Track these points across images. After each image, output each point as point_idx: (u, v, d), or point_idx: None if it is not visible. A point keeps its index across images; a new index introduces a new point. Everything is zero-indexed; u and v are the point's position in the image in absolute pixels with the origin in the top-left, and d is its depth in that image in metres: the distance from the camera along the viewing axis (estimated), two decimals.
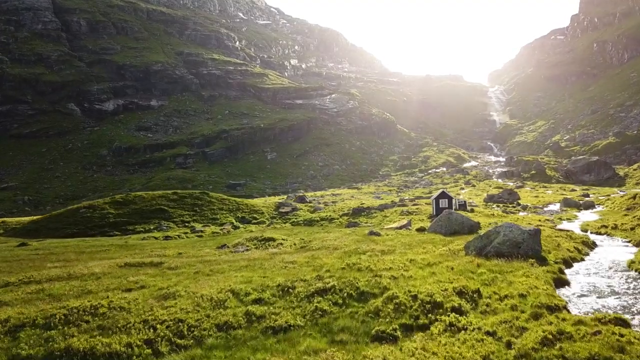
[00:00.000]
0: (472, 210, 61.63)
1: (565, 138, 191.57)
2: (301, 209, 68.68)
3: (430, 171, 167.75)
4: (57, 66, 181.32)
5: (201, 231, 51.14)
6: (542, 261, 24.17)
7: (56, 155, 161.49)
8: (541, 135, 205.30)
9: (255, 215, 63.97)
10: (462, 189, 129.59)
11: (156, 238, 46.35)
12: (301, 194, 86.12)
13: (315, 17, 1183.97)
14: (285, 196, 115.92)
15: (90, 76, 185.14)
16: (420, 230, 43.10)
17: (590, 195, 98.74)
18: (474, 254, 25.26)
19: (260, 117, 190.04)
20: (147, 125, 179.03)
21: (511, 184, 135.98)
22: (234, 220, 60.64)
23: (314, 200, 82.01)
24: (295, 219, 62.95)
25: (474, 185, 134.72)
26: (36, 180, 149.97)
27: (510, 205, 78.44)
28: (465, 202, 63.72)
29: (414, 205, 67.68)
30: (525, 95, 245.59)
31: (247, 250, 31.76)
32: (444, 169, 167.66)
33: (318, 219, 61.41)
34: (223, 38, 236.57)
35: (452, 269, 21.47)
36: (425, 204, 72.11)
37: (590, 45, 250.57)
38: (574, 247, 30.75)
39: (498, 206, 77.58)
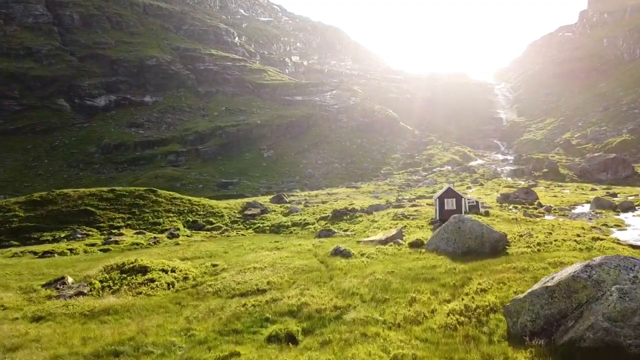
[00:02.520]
0: (486, 213, 45.65)
1: (576, 136, 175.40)
2: (274, 210, 53.29)
3: (434, 170, 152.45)
4: (47, 60, 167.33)
5: (115, 242, 35.96)
6: None
7: (41, 152, 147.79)
8: (550, 132, 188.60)
9: (211, 219, 48.73)
10: (469, 188, 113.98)
11: (35, 254, 31.38)
12: (278, 194, 70.66)
13: (318, 14, 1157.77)
14: (279, 194, 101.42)
15: (82, 71, 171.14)
16: (416, 245, 27.40)
17: (618, 195, 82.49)
18: (541, 344, 9.56)
19: (257, 114, 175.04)
20: (139, 122, 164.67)
21: (522, 182, 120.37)
22: (181, 226, 45.45)
23: (295, 201, 66.54)
24: (262, 224, 47.68)
25: (481, 184, 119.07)
26: (17, 178, 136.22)
27: (530, 207, 62.44)
28: (477, 202, 47.90)
29: (413, 206, 52.03)
30: (532, 93, 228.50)
31: (82, 294, 16.56)
32: (449, 167, 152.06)
33: (289, 224, 46.10)
34: (222, 34, 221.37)
35: None
36: (427, 204, 56.51)
37: (600, 41, 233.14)
38: None
39: (515, 207, 61.69)
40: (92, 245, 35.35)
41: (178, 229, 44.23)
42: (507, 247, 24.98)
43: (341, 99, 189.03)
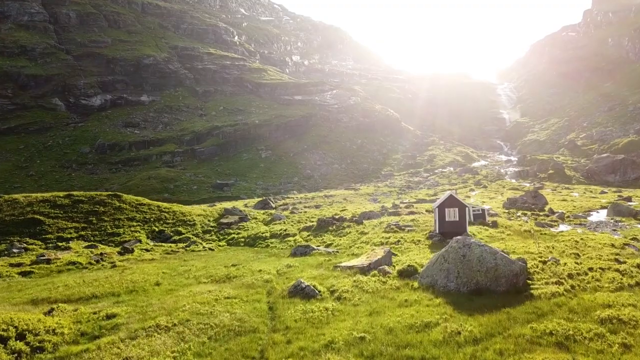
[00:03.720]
0: (494, 224, 38.71)
1: (581, 136, 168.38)
2: (255, 218, 46.65)
3: (436, 171, 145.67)
4: (42, 59, 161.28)
5: (47, 262, 29.33)
6: None
7: (33, 153, 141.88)
8: (554, 133, 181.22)
9: (180, 229, 42.12)
10: (472, 190, 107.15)
11: None
12: (264, 198, 63.83)
13: (320, 14, 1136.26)
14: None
15: (78, 70, 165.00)
16: (407, 274, 20.62)
17: (633, 199, 75.45)
18: None
19: (256, 114, 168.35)
20: (135, 122, 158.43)
21: (527, 184, 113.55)
22: (144, 237, 38.90)
23: (287, 204, 59.86)
24: (237, 234, 41.14)
25: (485, 187, 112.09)
26: (7, 179, 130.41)
27: (540, 214, 55.43)
28: (484, 210, 41.00)
29: (410, 213, 45.20)
30: (536, 93, 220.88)
31: None
32: (452, 168, 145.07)
33: (267, 235, 39.49)
34: (221, 33, 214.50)
35: None
36: (426, 211, 49.61)
37: (604, 40, 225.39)
38: None
39: (525, 214, 54.76)
40: (18, 265, 28.48)
41: (139, 241, 37.71)
42: (529, 281, 18.15)
43: (341, 98, 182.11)
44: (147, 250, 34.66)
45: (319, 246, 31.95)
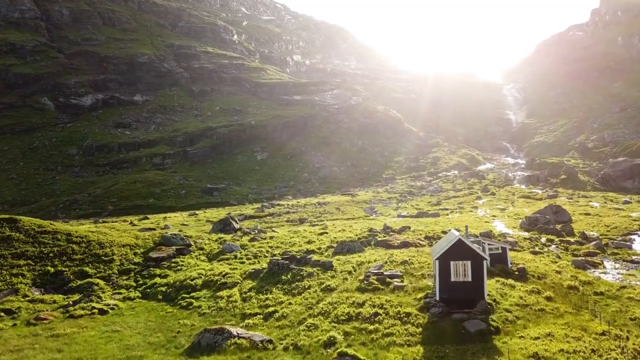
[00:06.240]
0: (521, 274, 25.81)
1: (591, 138, 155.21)
2: (201, 248, 35.24)
3: (440, 174, 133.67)
4: (32, 57, 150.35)
5: None
6: None
7: (17, 154, 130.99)
8: (563, 135, 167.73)
9: (87, 269, 30.42)
10: (479, 198, 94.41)
11: None
12: (226, 217, 51.53)
13: (323, 14, 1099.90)
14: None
15: (69, 68, 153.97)
16: None
17: None
18: None
19: (253, 114, 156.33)
20: (126, 122, 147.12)
21: (539, 191, 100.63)
22: (26, 284, 26.67)
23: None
24: (162, 278, 29.74)
25: (493, 194, 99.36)
26: None
27: (571, 241, 42.92)
28: (505, 249, 28.32)
29: (403, 245, 32.94)
30: (543, 93, 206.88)
31: None
32: (456, 171, 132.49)
33: (199, 283, 27.90)
34: (219, 31, 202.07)
35: None
36: (425, 238, 36.83)
37: (614, 39, 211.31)
38: None
39: (551, 241, 42.30)
40: None
41: (14, 292, 25.54)
42: None
43: (342, 98, 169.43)
44: (6, 312, 22.59)
45: (253, 316, 19.68)
